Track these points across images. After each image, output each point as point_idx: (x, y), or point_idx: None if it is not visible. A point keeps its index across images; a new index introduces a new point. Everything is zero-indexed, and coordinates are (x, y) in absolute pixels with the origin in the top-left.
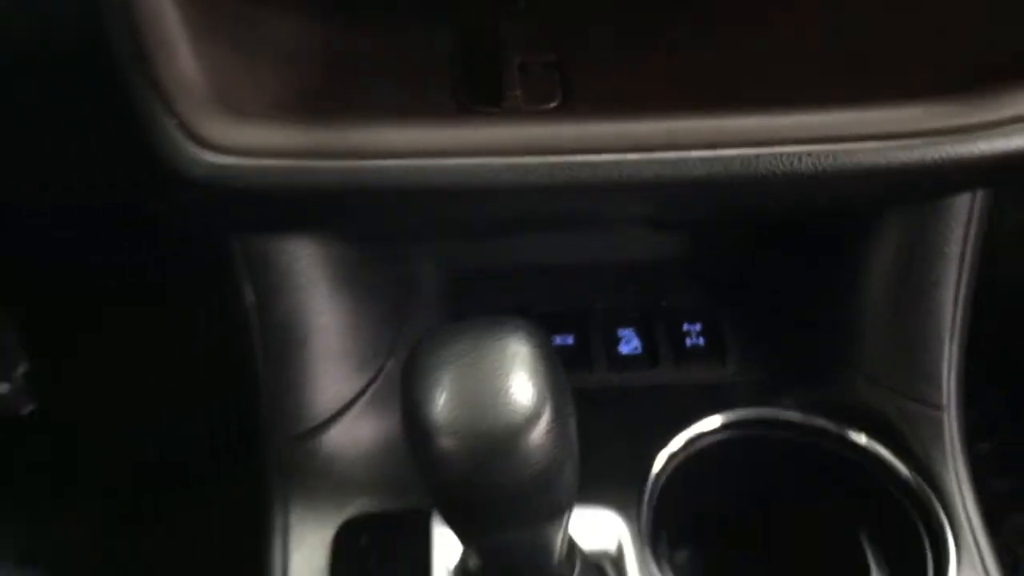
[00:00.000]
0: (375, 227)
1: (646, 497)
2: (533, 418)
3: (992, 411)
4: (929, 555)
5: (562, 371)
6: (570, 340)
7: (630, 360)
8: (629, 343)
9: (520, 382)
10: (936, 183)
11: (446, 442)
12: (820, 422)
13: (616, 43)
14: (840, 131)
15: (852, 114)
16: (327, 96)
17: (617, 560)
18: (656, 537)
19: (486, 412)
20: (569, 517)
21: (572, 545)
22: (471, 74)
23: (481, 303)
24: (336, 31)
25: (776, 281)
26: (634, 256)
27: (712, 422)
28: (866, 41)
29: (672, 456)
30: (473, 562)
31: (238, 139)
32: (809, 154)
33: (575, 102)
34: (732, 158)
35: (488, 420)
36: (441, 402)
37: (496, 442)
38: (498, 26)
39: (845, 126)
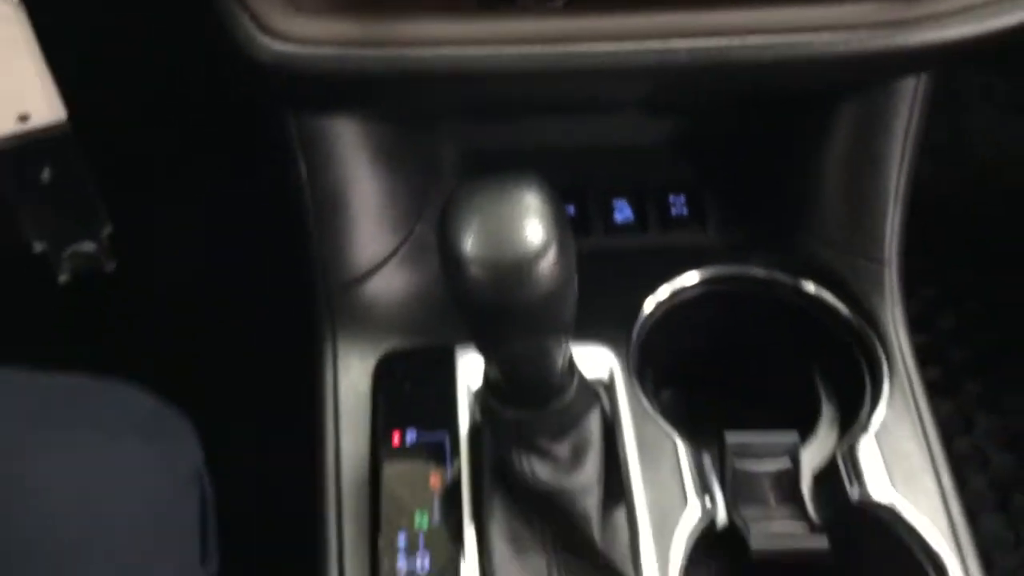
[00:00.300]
0: (411, 107)
1: (634, 336)
2: (542, 252)
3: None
4: (868, 385)
5: (566, 215)
6: (571, 209)
7: (623, 227)
8: (622, 212)
9: (533, 224)
10: (884, 69)
11: (475, 270)
12: (780, 276)
13: None
14: (800, 24)
15: (811, 10)
16: None
17: (609, 386)
18: (643, 372)
19: (506, 247)
20: (568, 338)
21: (572, 364)
22: None
23: None
24: None
25: (750, 158)
26: (629, 139)
27: (692, 277)
28: None
29: (658, 304)
30: (492, 374)
31: (300, 30)
32: (773, 44)
33: (578, 2)
34: (709, 47)
35: (508, 253)
36: (471, 240)
37: (513, 270)
38: None
39: (805, 20)
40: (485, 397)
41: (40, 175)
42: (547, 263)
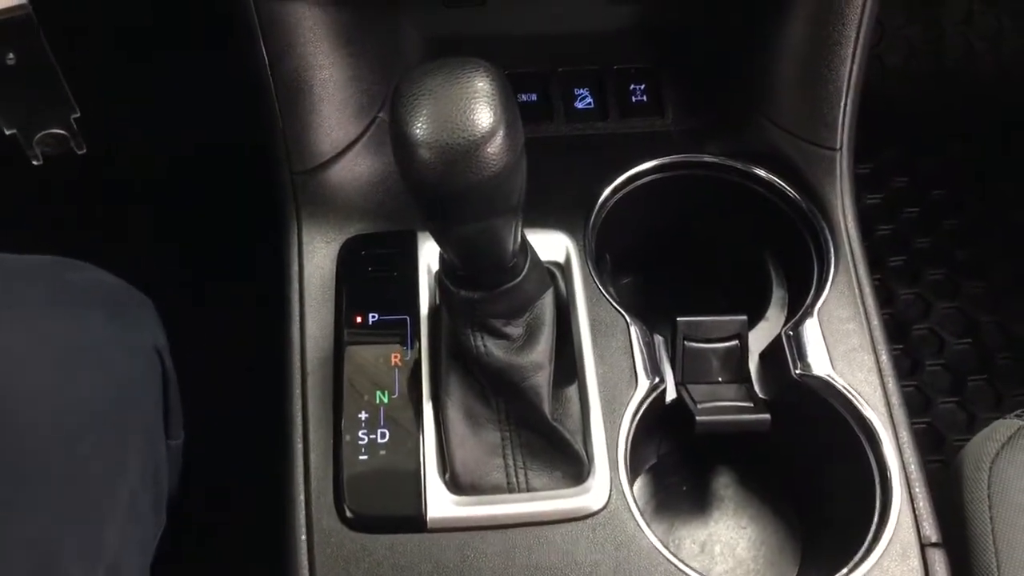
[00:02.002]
0: None
1: (591, 221)
2: (490, 134)
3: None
4: (816, 269)
5: (514, 99)
6: (534, 97)
7: (584, 113)
8: (583, 100)
9: (481, 107)
10: None
11: (424, 153)
12: (735, 163)
13: None
14: None
15: None
16: None
17: (565, 268)
18: (601, 258)
19: (454, 129)
20: (519, 220)
21: (525, 245)
22: None
23: None
24: None
25: (707, 47)
26: (590, 27)
27: (648, 164)
28: None
29: (615, 190)
30: (447, 256)
31: None
32: None
33: None
34: None
35: (456, 135)
36: (420, 122)
37: (461, 152)
38: None
39: None
40: (441, 278)
41: (5, 59)
42: (495, 146)
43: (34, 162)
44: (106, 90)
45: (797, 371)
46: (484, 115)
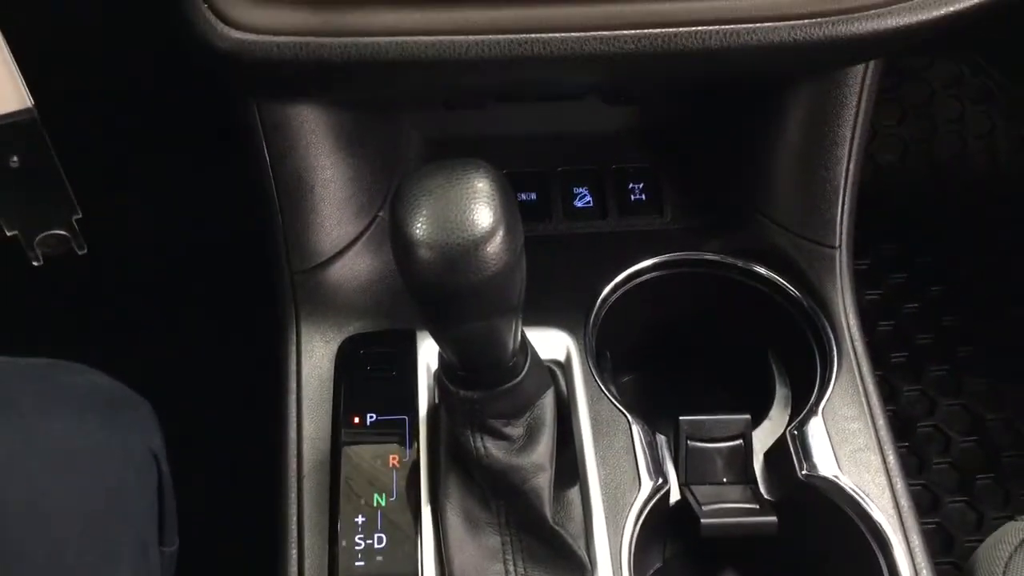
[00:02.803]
0: (367, 94)
1: (592, 319)
2: (489, 234)
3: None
4: (818, 368)
5: (514, 200)
6: (533, 196)
7: (583, 212)
8: (583, 198)
9: (481, 208)
10: (828, 57)
11: (424, 252)
12: (735, 260)
13: None
14: (744, 14)
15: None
16: None
17: (565, 367)
18: (601, 357)
19: (454, 229)
20: (519, 319)
21: (525, 344)
22: None
23: None
24: None
25: (705, 146)
26: (588, 127)
27: (648, 262)
28: None
29: (615, 288)
30: (446, 355)
31: (258, 19)
32: (717, 32)
33: None
34: (656, 35)
35: (455, 235)
36: (420, 222)
37: (461, 252)
38: None
39: (749, 9)
40: (440, 378)
41: (9, 161)
42: (494, 246)
43: (34, 263)
44: (107, 188)
45: (803, 472)
46: (484, 215)
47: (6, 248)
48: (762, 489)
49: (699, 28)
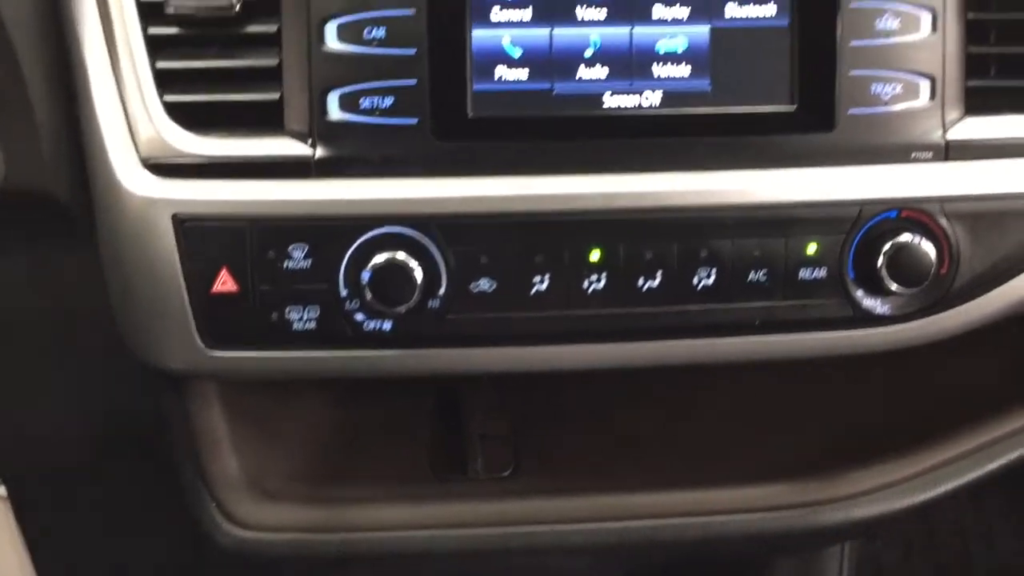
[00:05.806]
0: None
1: None
2: None
3: None
4: None
5: None
6: None
7: None
8: None
9: None
10: (802, 543)
11: None
12: None
13: (556, 421)
14: (721, 506)
15: (730, 492)
16: (332, 468)
17: None
18: None
19: None
20: None
21: None
22: (442, 445)
23: None
24: (342, 412)
25: None
26: None
27: None
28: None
29: None
30: None
31: (261, 517)
32: (695, 525)
33: (523, 471)
34: (639, 528)
35: None
36: None
37: None
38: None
39: (725, 502)
40: None
41: None
42: None
43: None
44: None
45: None
46: None
47: None
48: None
49: (675, 521)
